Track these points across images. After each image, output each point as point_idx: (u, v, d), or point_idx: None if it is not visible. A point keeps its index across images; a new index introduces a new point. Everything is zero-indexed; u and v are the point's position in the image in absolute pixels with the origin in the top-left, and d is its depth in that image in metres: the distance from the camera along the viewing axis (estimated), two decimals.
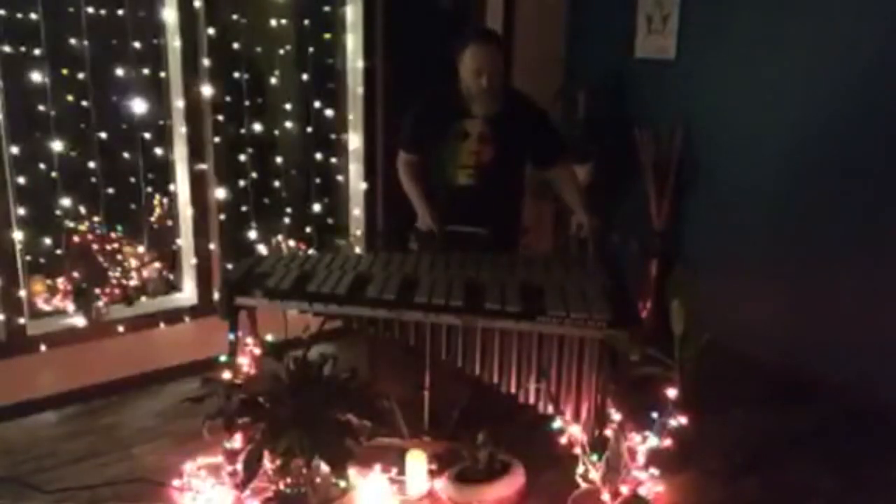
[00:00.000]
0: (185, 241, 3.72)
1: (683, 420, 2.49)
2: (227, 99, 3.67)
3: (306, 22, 3.90)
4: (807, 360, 3.56)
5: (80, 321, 3.42)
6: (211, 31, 3.51)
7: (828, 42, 3.42)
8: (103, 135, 3.44)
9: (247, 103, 3.75)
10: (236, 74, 3.71)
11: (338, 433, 2.36)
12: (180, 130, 3.55)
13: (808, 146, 3.54)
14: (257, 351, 2.81)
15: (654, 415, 2.48)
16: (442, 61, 3.12)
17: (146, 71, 3.51)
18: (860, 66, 3.32)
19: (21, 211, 3.25)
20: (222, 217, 3.72)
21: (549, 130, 3.22)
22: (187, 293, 3.77)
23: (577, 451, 2.48)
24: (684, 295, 2.94)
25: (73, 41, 3.30)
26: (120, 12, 3.38)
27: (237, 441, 2.50)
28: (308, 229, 4.11)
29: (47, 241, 3.44)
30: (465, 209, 3.04)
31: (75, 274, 3.48)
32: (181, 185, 3.65)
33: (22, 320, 3.28)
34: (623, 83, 4.28)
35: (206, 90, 3.54)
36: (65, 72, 3.33)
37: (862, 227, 3.39)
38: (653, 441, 2.45)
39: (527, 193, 3.41)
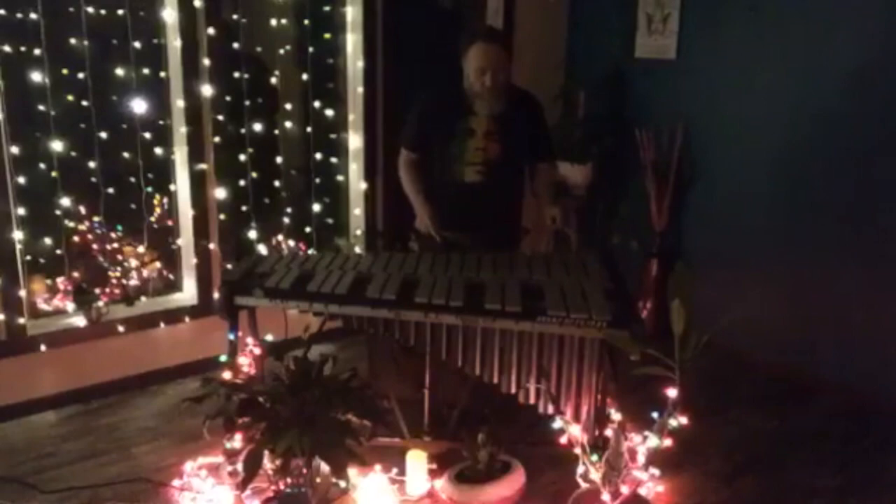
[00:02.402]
0: (185, 241, 3.72)
1: (683, 420, 2.49)
2: (227, 99, 3.67)
3: (306, 22, 3.90)
4: (807, 360, 3.57)
5: (80, 321, 3.42)
6: (211, 30, 3.51)
7: (828, 42, 3.42)
8: (103, 135, 3.44)
9: (247, 103, 3.75)
10: (236, 74, 3.71)
11: (338, 433, 2.36)
12: (180, 130, 3.55)
13: (808, 146, 3.54)
14: (257, 351, 2.81)
15: (654, 415, 2.48)
16: (442, 61, 3.13)
17: (146, 71, 3.51)
18: (860, 66, 3.32)
19: (21, 211, 3.25)
20: (222, 217, 3.72)
21: (544, 128, 3.25)
22: (187, 293, 3.77)
23: (578, 451, 2.48)
24: (684, 294, 2.93)
25: (73, 41, 3.30)
26: (120, 12, 3.38)
27: (237, 441, 2.50)
28: (308, 229, 4.11)
29: (47, 240, 3.43)
30: (472, 206, 3.05)
31: (75, 274, 3.48)
32: (181, 185, 3.65)
33: (22, 320, 3.28)
34: (623, 83, 4.28)
35: (207, 90, 3.54)
36: (65, 72, 3.33)
37: (862, 227, 3.39)
38: (653, 441, 2.45)
39: (528, 193, 3.41)
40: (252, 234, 3.90)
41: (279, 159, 3.97)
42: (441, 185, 3.13)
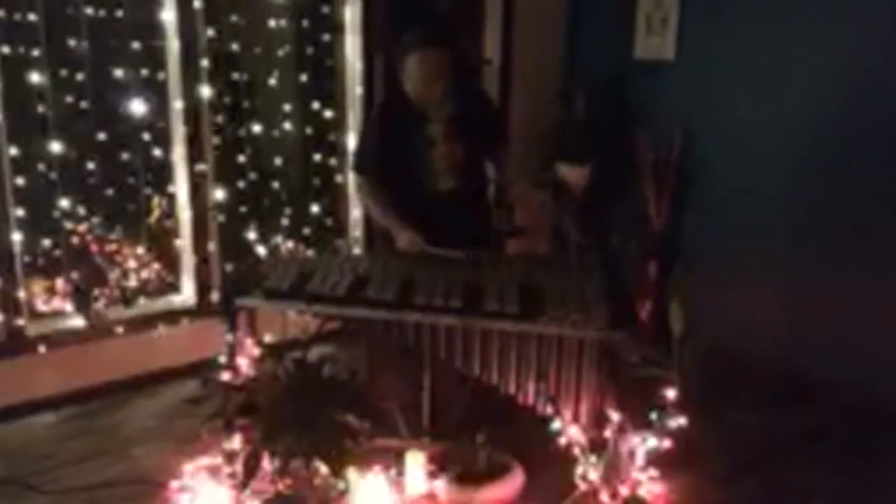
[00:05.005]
0: (184, 242, 3.72)
1: (683, 421, 2.49)
2: (226, 100, 3.67)
3: (305, 23, 3.90)
4: (806, 360, 3.56)
5: (78, 322, 3.42)
6: (210, 31, 3.51)
7: (828, 42, 3.42)
8: (102, 136, 3.44)
9: (246, 104, 3.75)
10: (235, 75, 3.71)
11: (337, 434, 2.36)
12: (179, 131, 3.55)
13: (808, 146, 3.54)
14: (256, 352, 2.80)
15: (654, 415, 2.48)
16: None
17: (145, 72, 3.51)
18: (861, 67, 3.32)
19: (20, 212, 3.25)
20: (221, 218, 3.72)
21: (497, 119, 3.19)
22: (186, 294, 3.77)
23: (577, 451, 2.48)
24: (683, 295, 2.94)
25: (72, 42, 3.30)
26: (119, 13, 3.38)
27: (236, 442, 2.50)
28: (307, 230, 4.11)
29: (46, 242, 3.43)
30: (450, 213, 2.98)
31: (74, 275, 3.48)
32: (180, 186, 3.65)
33: (21, 321, 3.28)
34: (622, 84, 4.29)
35: (205, 91, 3.54)
36: (64, 73, 3.33)
37: (862, 228, 3.39)
38: (652, 442, 2.46)
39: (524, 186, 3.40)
40: (251, 236, 3.90)
41: (278, 160, 3.97)
42: (415, 200, 3.00)
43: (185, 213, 3.66)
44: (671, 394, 2.55)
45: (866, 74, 3.30)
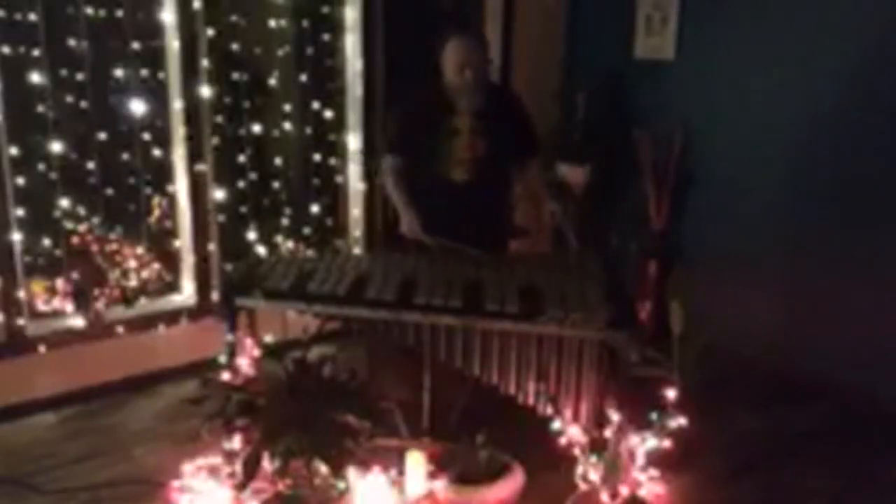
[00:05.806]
0: (184, 242, 3.72)
1: (683, 421, 2.49)
2: (227, 100, 3.67)
3: (305, 23, 3.90)
4: (806, 360, 3.56)
5: (79, 322, 3.42)
6: (210, 31, 3.51)
7: (827, 42, 3.42)
8: (102, 135, 3.44)
9: (246, 104, 3.75)
10: (235, 75, 3.71)
11: (337, 434, 2.36)
12: (179, 131, 3.55)
13: (807, 146, 3.54)
14: (256, 352, 2.81)
15: (654, 416, 2.48)
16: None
17: (145, 72, 3.51)
18: (860, 68, 3.32)
19: (20, 212, 3.25)
20: (221, 218, 3.72)
21: (529, 125, 3.24)
22: (186, 294, 3.77)
23: (577, 452, 2.48)
24: (683, 295, 2.93)
25: (72, 42, 3.30)
26: (119, 13, 3.39)
27: (236, 442, 2.50)
28: (307, 230, 4.11)
29: (46, 242, 3.43)
30: (462, 206, 3.02)
31: (74, 275, 3.48)
32: (180, 186, 3.65)
33: (21, 321, 3.28)
34: (622, 84, 4.28)
35: (205, 91, 3.54)
36: (64, 72, 3.33)
37: (861, 228, 3.39)
38: (652, 442, 2.46)
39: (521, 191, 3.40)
40: (251, 235, 3.90)
41: (278, 160, 3.97)
42: (429, 187, 3.08)
43: (185, 213, 3.66)
44: (671, 394, 2.55)
45: (867, 74, 3.30)
